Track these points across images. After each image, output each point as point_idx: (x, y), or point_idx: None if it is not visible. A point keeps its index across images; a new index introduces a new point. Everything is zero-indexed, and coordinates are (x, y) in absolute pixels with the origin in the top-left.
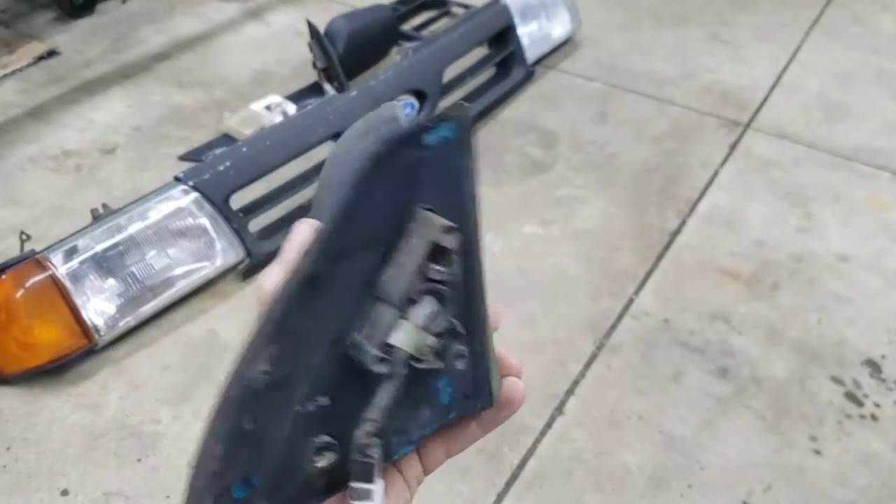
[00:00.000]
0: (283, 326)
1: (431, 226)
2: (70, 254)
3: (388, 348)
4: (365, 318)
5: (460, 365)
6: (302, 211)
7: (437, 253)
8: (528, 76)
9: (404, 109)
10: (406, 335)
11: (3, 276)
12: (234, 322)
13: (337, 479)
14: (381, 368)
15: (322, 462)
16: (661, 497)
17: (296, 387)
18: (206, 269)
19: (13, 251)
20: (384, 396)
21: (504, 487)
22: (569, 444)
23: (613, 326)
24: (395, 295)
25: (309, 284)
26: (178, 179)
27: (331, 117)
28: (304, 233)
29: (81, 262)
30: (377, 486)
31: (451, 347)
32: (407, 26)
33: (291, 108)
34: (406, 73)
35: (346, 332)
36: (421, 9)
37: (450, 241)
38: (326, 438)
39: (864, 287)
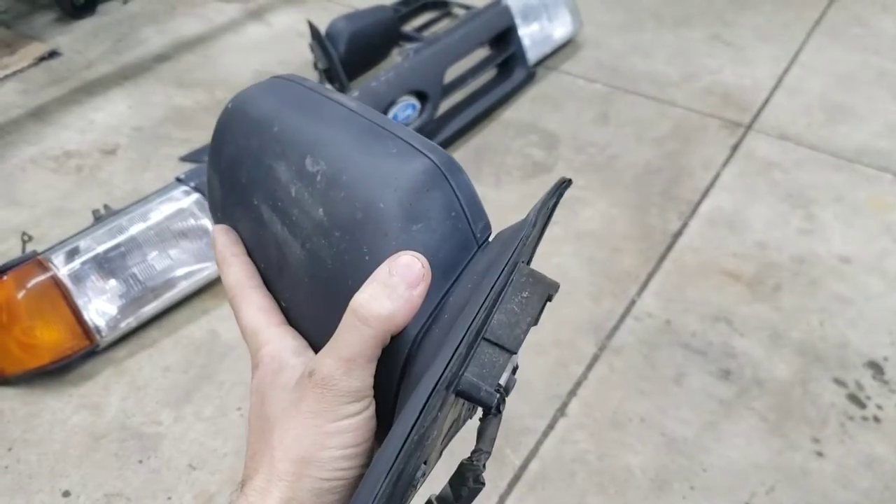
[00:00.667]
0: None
1: (544, 283)
2: (71, 255)
3: (499, 387)
4: (473, 359)
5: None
6: None
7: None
8: (530, 77)
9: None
10: (507, 375)
11: (5, 277)
12: (235, 323)
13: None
14: (495, 406)
15: (419, 484)
16: (663, 499)
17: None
18: (208, 270)
19: (15, 252)
20: (493, 430)
21: (506, 488)
22: (571, 446)
23: (615, 328)
24: (512, 343)
25: (445, 386)
26: (179, 180)
27: None
28: (413, 269)
29: (83, 263)
30: None
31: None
32: (408, 27)
33: None
34: (407, 74)
35: (456, 372)
36: (422, 10)
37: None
38: (423, 466)
39: (867, 289)
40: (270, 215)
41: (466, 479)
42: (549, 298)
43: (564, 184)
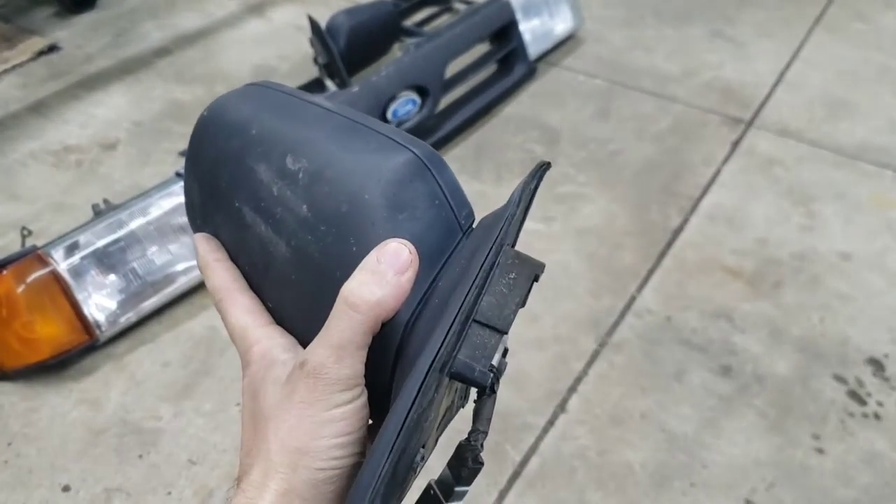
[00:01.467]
0: (425, 402)
1: (530, 264)
2: (71, 249)
3: (492, 368)
4: (464, 341)
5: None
6: None
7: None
8: (531, 73)
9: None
10: (499, 356)
11: (5, 272)
12: None
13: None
14: (490, 386)
15: (419, 469)
16: (663, 495)
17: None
18: None
19: (14, 246)
20: (489, 410)
21: (506, 485)
22: (571, 442)
23: (616, 324)
24: (502, 323)
25: (439, 368)
26: (179, 175)
27: None
28: (401, 256)
29: (83, 258)
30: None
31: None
32: (409, 22)
33: None
34: (408, 68)
35: (449, 354)
36: (423, 4)
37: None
38: (422, 450)
39: (867, 285)
40: (253, 217)
41: (465, 460)
42: (536, 279)
43: (544, 166)
